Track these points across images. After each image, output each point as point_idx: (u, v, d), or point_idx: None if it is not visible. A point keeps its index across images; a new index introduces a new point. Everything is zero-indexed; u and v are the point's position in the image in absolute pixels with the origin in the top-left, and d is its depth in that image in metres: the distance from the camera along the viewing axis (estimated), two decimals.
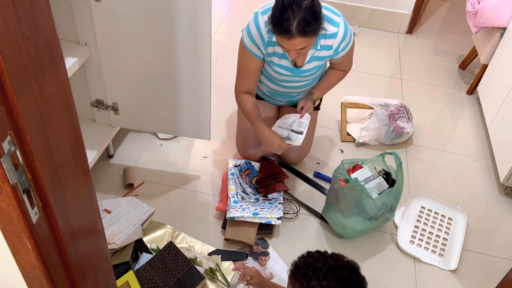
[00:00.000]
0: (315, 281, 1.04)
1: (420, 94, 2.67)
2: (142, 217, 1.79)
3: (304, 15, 1.47)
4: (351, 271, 1.07)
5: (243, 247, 1.75)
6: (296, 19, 1.46)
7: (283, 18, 1.47)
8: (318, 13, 1.52)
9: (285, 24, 1.47)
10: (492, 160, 2.24)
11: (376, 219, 1.72)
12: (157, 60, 1.69)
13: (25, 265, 0.73)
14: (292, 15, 1.46)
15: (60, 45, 0.65)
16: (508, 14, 2.31)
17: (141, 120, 1.91)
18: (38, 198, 0.67)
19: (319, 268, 1.06)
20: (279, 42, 1.57)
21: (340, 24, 1.69)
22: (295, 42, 1.52)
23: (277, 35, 1.54)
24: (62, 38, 1.68)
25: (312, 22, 1.50)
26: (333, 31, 1.68)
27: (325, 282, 1.03)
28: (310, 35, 1.52)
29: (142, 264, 1.62)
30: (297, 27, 1.47)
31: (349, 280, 1.05)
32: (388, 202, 1.69)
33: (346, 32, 1.71)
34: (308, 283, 1.05)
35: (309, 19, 1.48)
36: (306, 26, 1.48)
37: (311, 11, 1.49)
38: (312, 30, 1.51)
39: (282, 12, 1.48)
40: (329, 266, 1.06)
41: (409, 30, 3.24)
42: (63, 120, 0.70)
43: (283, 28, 1.48)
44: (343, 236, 1.81)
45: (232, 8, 3.36)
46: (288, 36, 1.50)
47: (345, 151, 2.23)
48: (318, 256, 1.10)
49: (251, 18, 1.69)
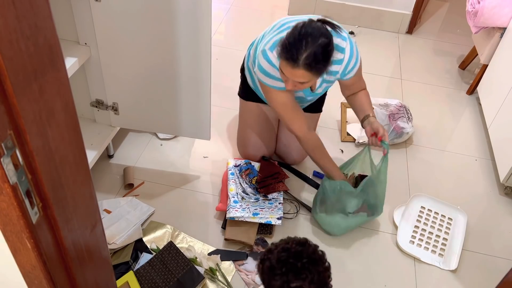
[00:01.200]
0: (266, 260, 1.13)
1: (420, 94, 2.67)
2: (142, 217, 1.79)
3: (316, 51, 1.44)
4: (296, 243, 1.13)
5: (243, 247, 1.75)
6: (307, 51, 1.43)
7: (294, 45, 1.45)
8: (329, 55, 1.50)
9: (294, 51, 1.44)
10: (492, 160, 2.24)
11: (359, 215, 1.75)
12: (157, 60, 1.69)
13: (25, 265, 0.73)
14: (305, 46, 1.43)
15: (60, 45, 0.65)
16: (508, 14, 2.31)
17: (141, 120, 1.91)
18: (38, 198, 0.67)
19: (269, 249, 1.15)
20: (282, 67, 1.52)
21: (346, 49, 1.64)
22: (298, 73, 1.48)
23: (283, 59, 1.50)
24: (62, 38, 1.68)
25: (321, 60, 1.47)
26: (339, 57, 1.64)
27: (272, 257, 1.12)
28: (314, 72, 1.49)
29: (142, 264, 1.62)
30: (305, 59, 1.44)
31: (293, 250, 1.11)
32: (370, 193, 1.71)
33: (351, 56, 1.66)
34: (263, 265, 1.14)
35: (319, 57, 1.45)
36: (314, 62, 1.45)
37: (324, 50, 1.46)
38: (318, 68, 1.48)
39: (295, 40, 1.45)
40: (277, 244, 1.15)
41: (409, 30, 3.24)
42: (63, 120, 0.69)
43: (291, 54, 1.45)
44: (332, 234, 1.82)
45: (232, 8, 3.36)
46: (293, 65, 1.46)
47: (345, 151, 2.23)
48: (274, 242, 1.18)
49: (259, 56, 1.64)
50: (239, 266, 1.69)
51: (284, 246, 1.12)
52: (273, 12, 3.38)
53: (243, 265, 1.69)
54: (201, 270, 1.62)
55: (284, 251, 1.11)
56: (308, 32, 1.45)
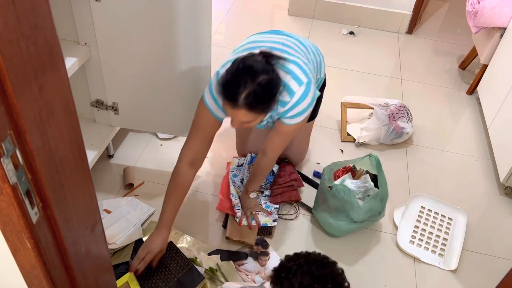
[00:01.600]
0: (286, 281, 1.09)
1: (420, 94, 2.67)
2: (142, 217, 1.79)
3: (255, 90, 1.32)
4: (319, 266, 1.11)
5: (243, 247, 1.75)
6: (246, 90, 1.31)
7: (233, 84, 1.33)
8: (272, 94, 1.38)
9: (231, 92, 1.33)
10: (492, 160, 2.24)
11: (363, 222, 1.75)
12: (157, 60, 1.69)
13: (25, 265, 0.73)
14: (244, 85, 1.31)
15: (60, 45, 0.65)
16: (508, 14, 2.31)
17: (141, 120, 1.91)
18: (38, 198, 0.67)
19: (289, 268, 1.11)
20: (224, 107, 1.41)
21: (297, 94, 1.46)
22: (239, 113, 1.37)
23: (223, 99, 1.38)
24: (62, 38, 1.68)
25: (262, 99, 1.35)
26: (286, 99, 1.47)
27: (294, 279, 1.08)
28: (256, 111, 1.37)
29: None
30: (244, 99, 1.32)
31: (318, 274, 1.09)
32: (375, 207, 1.70)
33: (297, 104, 1.47)
34: (281, 285, 1.10)
35: (260, 96, 1.34)
36: (254, 102, 1.33)
37: (265, 88, 1.34)
38: (260, 108, 1.37)
39: (234, 77, 1.34)
40: (298, 264, 1.11)
41: (409, 30, 3.24)
42: (63, 120, 0.69)
43: (229, 94, 1.34)
44: (332, 235, 1.82)
45: (232, 8, 3.36)
46: (233, 105, 1.35)
47: (345, 151, 2.23)
48: (291, 257, 1.15)
49: (213, 79, 1.53)
50: (239, 266, 1.69)
51: (307, 269, 1.08)
52: (273, 12, 3.38)
53: (243, 265, 1.69)
54: (201, 270, 1.62)
55: (308, 274, 1.08)
56: (247, 69, 1.34)
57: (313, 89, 1.51)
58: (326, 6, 3.21)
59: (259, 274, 1.66)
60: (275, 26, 3.25)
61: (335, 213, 1.72)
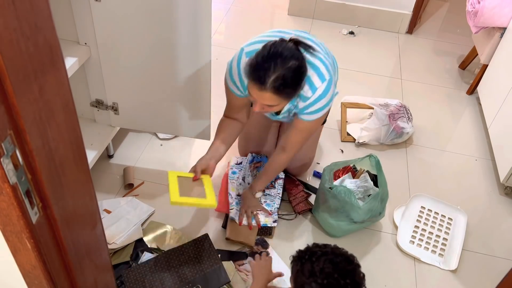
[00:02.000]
0: (308, 263, 1.10)
1: (420, 94, 2.67)
2: (142, 217, 1.79)
3: (285, 74, 1.35)
4: (344, 259, 1.11)
5: (243, 247, 1.75)
6: (275, 73, 1.34)
7: (263, 66, 1.35)
8: (300, 79, 1.41)
9: (262, 73, 1.35)
10: (492, 160, 2.24)
11: (363, 222, 1.74)
12: (157, 60, 1.69)
13: (25, 265, 0.73)
14: (274, 68, 1.34)
15: (60, 45, 0.65)
16: (508, 14, 2.31)
17: (141, 120, 1.91)
18: (38, 198, 0.67)
19: (314, 252, 1.12)
20: (249, 88, 1.43)
21: (318, 90, 1.49)
22: (265, 95, 1.39)
23: (250, 80, 1.40)
24: (62, 38, 1.68)
25: (290, 84, 1.39)
26: (307, 95, 1.50)
27: (316, 263, 1.08)
28: (283, 96, 1.40)
29: (174, 247, 1.67)
30: (273, 82, 1.35)
31: (341, 267, 1.09)
32: (375, 208, 1.70)
33: (318, 100, 1.51)
34: (302, 265, 1.11)
35: (288, 80, 1.36)
36: (282, 85, 1.36)
37: (294, 74, 1.38)
38: (286, 92, 1.40)
39: (264, 60, 1.36)
40: (324, 252, 1.11)
41: (409, 30, 3.24)
42: (63, 120, 0.69)
43: (258, 75, 1.36)
44: (332, 235, 1.82)
45: (232, 8, 3.36)
46: (260, 87, 1.37)
47: (345, 151, 2.23)
48: (319, 245, 1.16)
49: (236, 54, 1.57)
50: (239, 266, 1.69)
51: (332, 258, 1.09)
52: (273, 12, 3.38)
53: (243, 265, 1.69)
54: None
55: (331, 263, 1.08)
56: (278, 53, 1.35)
57: (333, 88, 1.55)
58: (326, 6, 3.21)
59: None
60: (275, 26, 3.25)
61: (335, 214, 1.72)
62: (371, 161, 1.84)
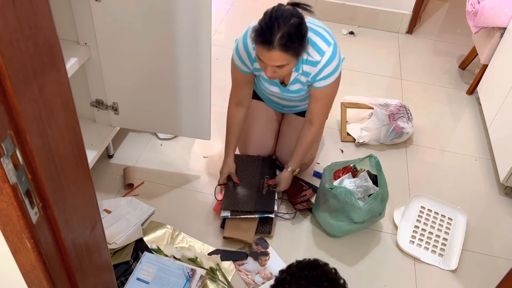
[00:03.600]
0: None
1: (420, 94, 2.67)
2: (142, 217, 1.79)
3: (289, 31, 1.45)
4: (310, 269, 1.13)
5: (243, 246, 1.75)
6: (280, 31, 1.45)
7: (267, 28, 1.45)
8: (303, 34, 1.51)
9: (268, 34, 1.45)
10: (492, 160, 2.24)
11: (363, 223, 1.74)
12: (157, 60, 1.69)
13: (25, 265, 0.73)
14: (278, 27, 1.44)
15: (60, 45, 0.65)
16: (508, 14, 2.31)
17: (141, 120, 1.91)
18: (38, 198, 0.67)
19: (284, 280, 1.13)
20: (259, 53, 1.53)
21: (326, 53, 1.62)
22: (274, 55, 1.49)
23: (258, 44, 1.50)
24: (62, 38, 1.68)
25: (296, 39, 1.48)
26: (316, 59, 1.62)
27: None
28: (290, 52, 1.49)
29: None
30: (279, 40, 1.45)
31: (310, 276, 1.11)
32: (375, 208, 1.70)
33: (329, 63, 1.63)
34: None
35: (293, 36, 1.46)
36: (288, 42, 1.46)
37: (297, 29, 1.48)
38: (293, 47, 1.49)
39: (267, 23, 1.46)
40: (291, 273, 1.13)
41: (409, 30, 3.24)
42: (63, 120, 0.69)
43: (265, 37, 1.46)
44: (332, 235, 1.82)
45: (232, 8, 3.36)
46: (269, 47, 1.47)
47: (345, 151, 2.23)
48: (284, 270, 1.17)
49: (242, 34, 1.68)
50: (239, 266, 1.69)
51: (300, 274, 1.11)
52: None
53: (243, 265, 1.69)
54: (202, 272, 1.62)
55: (303, 279, 1.10)
56: (279, 14, 1.46)
57: (339, 52, 1.66)
58: (326, 6, 3.21)
59: (259, 274, 1.66)
60: None
61: (335, 214, 1.72)
62: (371, 162, 1.84)
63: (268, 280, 1.64)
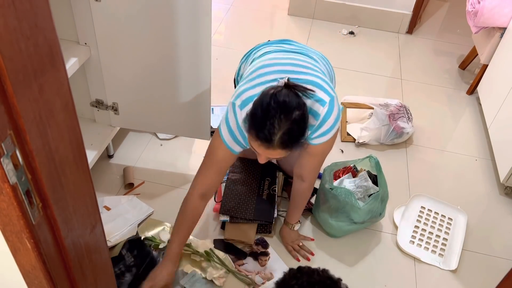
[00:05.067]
0: None
1: (420, 94, 2.67)
2: (140, 217, 1.79)
3: (290, 128, 1.25)
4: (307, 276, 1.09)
5: (243, 246, 1.75)
6: (280, 130, 1.24)
7: (265, 125, 1.24)
8: (305, 128, 1.31)
9: (266, 132, 1.24)
10: (492, 160, 2.24)
11: (363, 223, 1.75)
12: (157, 60, 1.69)
13: (25, 265, 0.72)
14: (278, 125, 1.23)
15: (60, 45, 0.65)
16: (508, 14, 2.31)
17: (141, 120, 1.91)
18: (38, 198, 0.67)
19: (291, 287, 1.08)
20: (254, 146, 1.33)
21: (321, 115, 1.38)
22: (273, 152, 1.30)
23: (254, 139, 1.29)
24: (62, 38, 1.68)
25: (298, 136, 1.29)
26: (312, 123, 1.39)
27: None
28: (291, 148, 1.30)
29: None
30: (280, 139, 1.25)
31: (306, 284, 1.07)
32: (375, 209, 1.70)
33: (322, 124, 1.40)
34: None
35: (295, 134, 1.27)
36: (289, 141, 1.27)
37: (299, 125, 1.28)
38: (295, 144, 1.30)
39: (265, 117, 1.24)
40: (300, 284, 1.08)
41: (409, 30, 3.24)
42: (63, 120, 0.69)
43: (263, 135, 1.25)
44: (332, 235, 1.82)
45: (232, 8, 3.36)
46: (267, 146, 1.27)
47: (345, 151, 2.23)
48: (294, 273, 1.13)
49: (229, 112, 1.41)
50: (239, 266, 1.69)
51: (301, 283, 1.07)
52: (273, 12, 3.38)
53: (243, 265, 1.69)
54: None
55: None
56: (280, 107, 1.24)
57: (337, 105, 1.42)
58: (326, 6, 3.21)
59: (259, 274, 1.66)
60: (275, 26, 3.25)
61: (335, 214, 1.72)
62: (371, 162, 1.84)
63: (268, 280, 1.64)
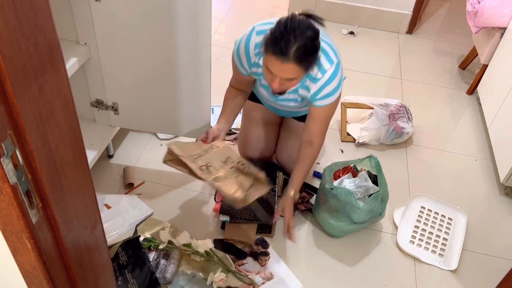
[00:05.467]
0: None
1: (420, 94, 2.67)
2: (139, 218, 1.78)
3: (306, 43, 1.39)
4: None
5: (243, 246, 1.75)
6: (296, 43, 1.37)
7: (283, 39, 1.38)
8: (317, 48, 1.45)
9: (283, 45, 1.38)
10: (492, 160, 2.24)
11: (363, 223, 1.74)
12: (157, 60, 1.69)
13: (25, 265, 0.72)
14: (294, 39, 1.37)
15: (60, 45, 0.65)
16: (508, 14, 2.31)
17: (141, 120, 1.91)
18: (38, 198, 0.67)
19: None
20: (269, 64, 1.44)
21: (328, 72, 1.54)
22: (288, 68, 1.41)
23: (270, 55, 1.41)
24: (62, 38, 1.68)
25: (311, 53, 1.43)
26: (317, 76, 1.55)
27: None
28: (304, 65, 1.43)
29: None
30: (295, 52, 1.38)
31: None
32: (375, 209, 1.70)
33: (329, 82, 1.55)
34: None
35: (309, 49, 1.41)
36: (303, 55, 1.40)
37: (313, 43, 1.42)
38: (308, 61, 1.43)
39: (283, 33, 1.38)
40: None
41: (409, 30, 3.24)
42: (63, 120, 0.69)
43: (280, 48, 1.38)
44: (332, 235, 1.82)
45: (232, 8, 3.37)
46: (283, 59, 1.39)
47: (345, 151, 2.23)
48: None
49: (246, 32, 1.60)
50: (239, 266, 1.69)
51: None
52: (273, 12, 3.38)
53: (243, 265, 1.69)
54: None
55: None
56: (295, 25, 1.40)
57: (341, 71, 1.59)
58: (326, 6, 3.21)
59: (259, 274, 1.66)
60: None
61: (335, 214, 1.72)
62: (371, 162, 1.84)
63: (268, 280, 1.64)
